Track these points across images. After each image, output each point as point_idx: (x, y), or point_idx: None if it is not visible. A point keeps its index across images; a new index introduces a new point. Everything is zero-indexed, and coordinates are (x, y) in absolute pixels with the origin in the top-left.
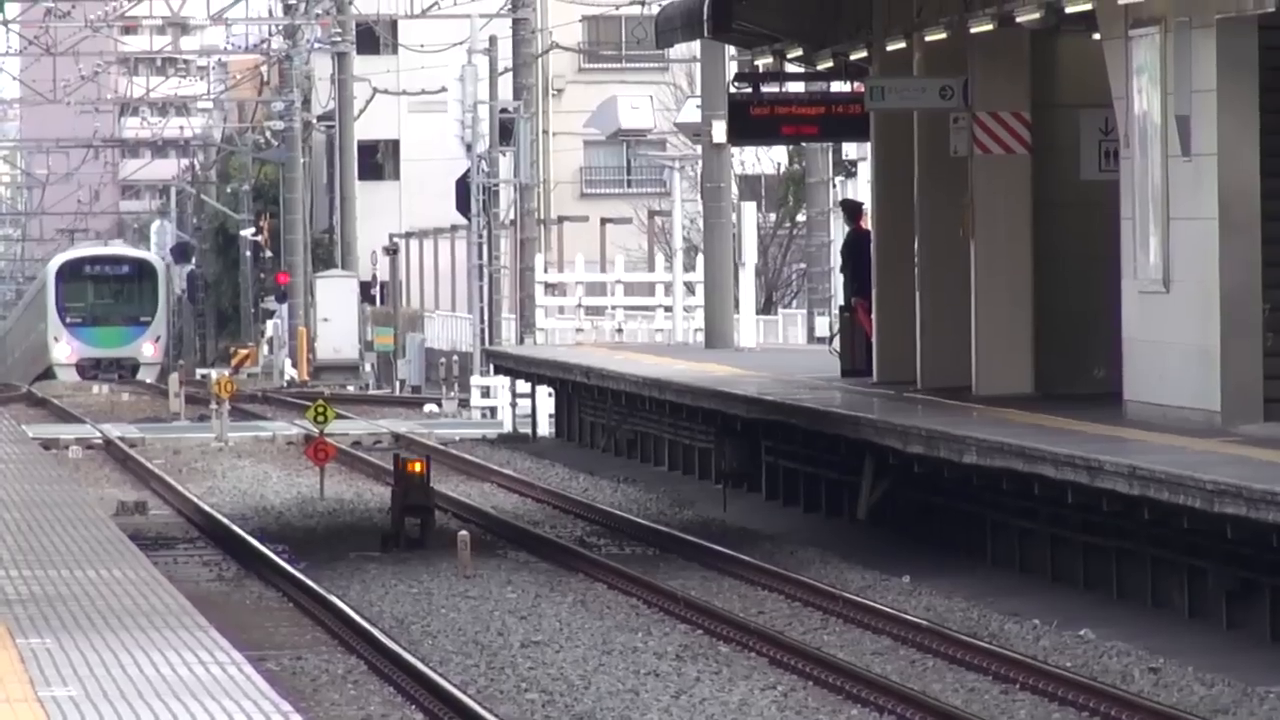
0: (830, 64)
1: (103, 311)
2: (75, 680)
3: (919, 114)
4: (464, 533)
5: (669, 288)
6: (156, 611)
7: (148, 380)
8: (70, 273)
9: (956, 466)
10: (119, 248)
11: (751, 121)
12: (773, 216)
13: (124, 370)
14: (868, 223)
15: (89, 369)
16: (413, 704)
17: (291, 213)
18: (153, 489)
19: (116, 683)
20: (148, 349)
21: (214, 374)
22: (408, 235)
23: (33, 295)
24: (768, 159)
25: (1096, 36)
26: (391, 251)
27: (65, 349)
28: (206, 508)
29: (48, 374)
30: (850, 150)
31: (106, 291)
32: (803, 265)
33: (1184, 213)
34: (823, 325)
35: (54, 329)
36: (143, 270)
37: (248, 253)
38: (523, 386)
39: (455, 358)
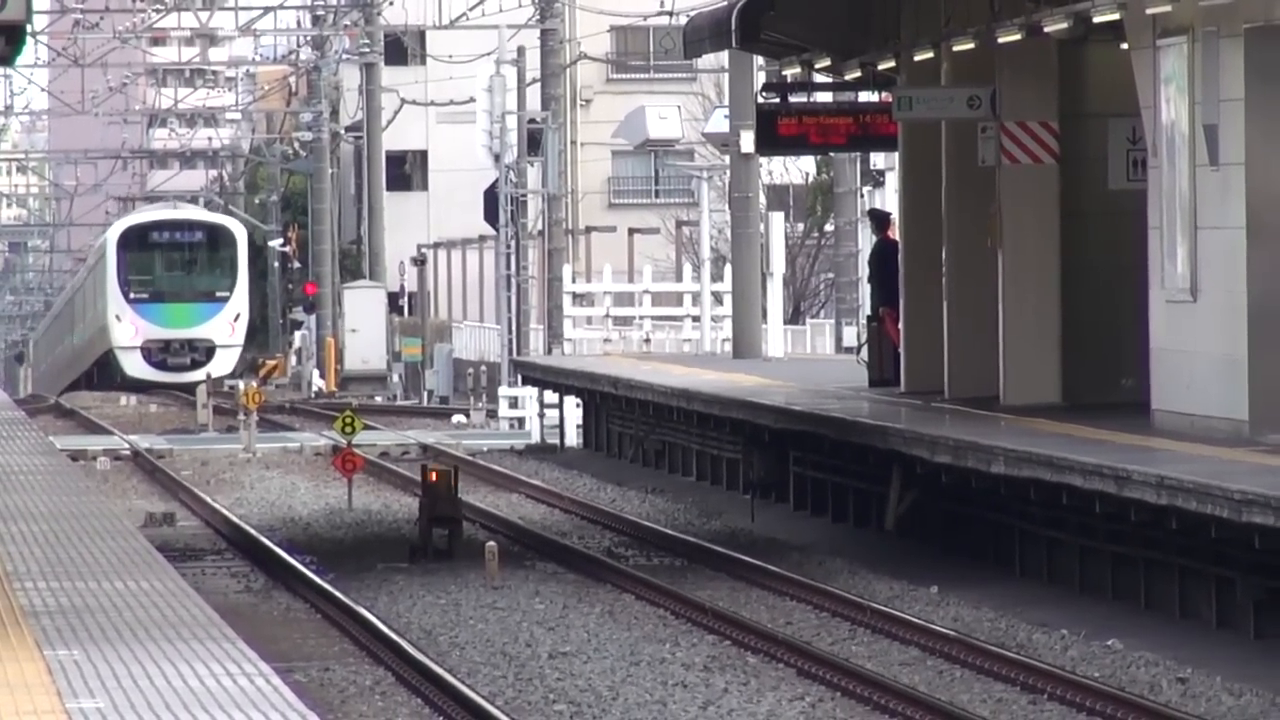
0: (858, 74)
1: (173, 286)
2: (103, 692)
3: (947, 124)
4: (492, 543)
5: (697, 298)
6: (184, 623)
7: (222, 372)
8: (134, 241)
9: (984, 476)
10: (190, 210)
11: (779, 132)
12: (800, 226)
13: (197, 354)
14: (895, 232)
15: (156, 352)
16: (441, 715)
17: (319, 223)
18: (181, 500)
19: (144, 694)
20: (225, 329)
21: (242, 385)
22: (435, 246)
23: (86, 272)
24: (796, 169)
25: (1124, 46)
26: (419, 262)
27: (129, 329)
28: (234, 519)
29: (105, 366)
30: (878, 160)
31: (177, 262)
32: (830, 275)
33: (1212, 222)
34: (850, 335)
35: (115, 306)
36: (219, 237)
37: (276, 263)
38: (550, 397)
39: (483, 368)
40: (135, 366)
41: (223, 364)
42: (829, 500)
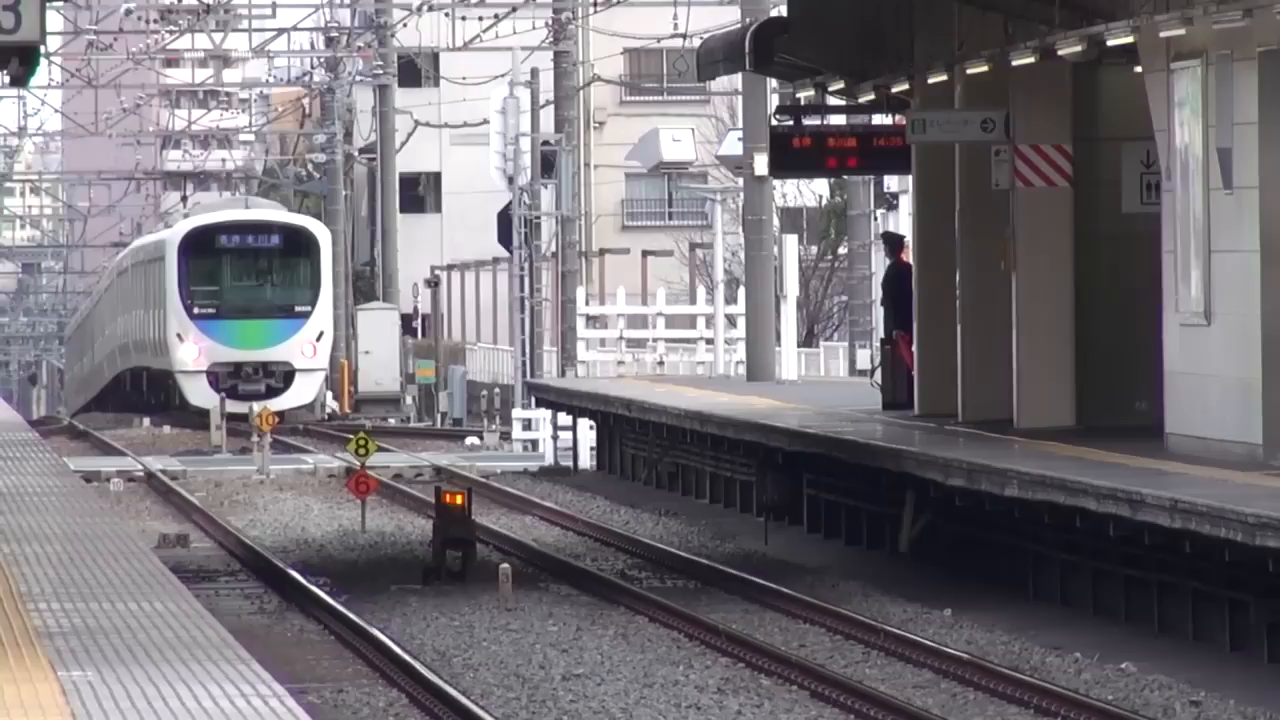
0: (872, 96)
1: (244, 299)
2: (117, 713)
3: (960, 147)
4: (505, 565)
5: (710, 320)
6: (198, 644)
7: (302, 401)
8: (199, 245)
9: (998, 499)
10: (265, 210)
11: (793, 154)
12: (814, 249)
13: (273, 379)
14: (909, 255)
15: (225, 377)
16: None
17: (333, 245)
18: (194, 522)
19: (158, 715)
20: (306, 350)
21: (255, 406)
22: (449, 267)
23: (128, 277)
24: (809, 191)
25: (1138, 69)
26: (433, 284)
27: (192, 350)
28: (248, 540)
29: (159, 389)
30: (892, 183)
31: (250, 271)
32: (844, 298)
33: (1225, 245)
34: (864, 358)
35: (177, 323)
36: (299, 241)
37: None
38: (564, 419)
39: (497, 390)
40: (200, 394)
41: (303, 391)
42: (843, 523)
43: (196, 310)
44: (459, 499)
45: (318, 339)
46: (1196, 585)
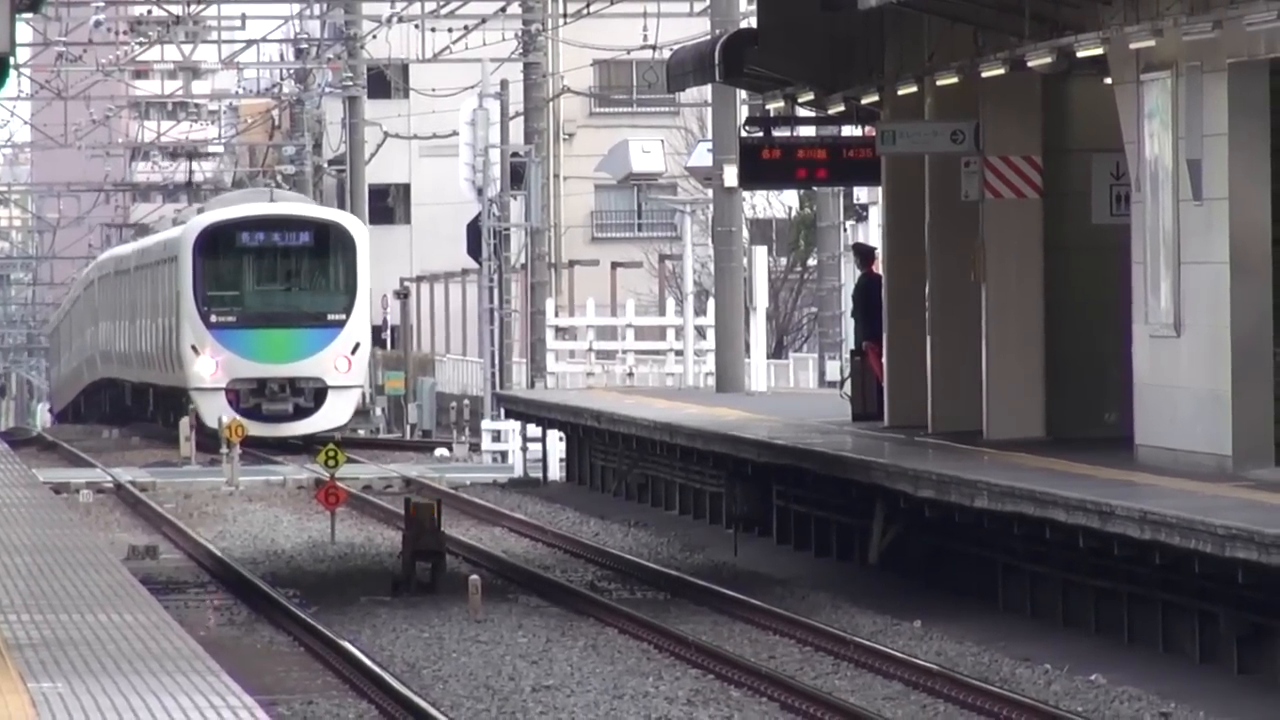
0: (841, 108)
1: (269, 306)
2: None
3: (930, 158)
4: (475, 577)
5: (680, 332)
6: (168, 655)
7: (335, 424)
8: (217, 244)
9: (968, 511)
10: (293, 203)
11: (763, 165)
12: (784, 260)
13: (302, 397)
14: (879, 267)
15: (247, 395)
16: None
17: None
18: (164, 533)
19: None
20: (340, 365)
21: (225, 418)
22: (419, 279)
23: (87, 285)
24: (779, 203)
25: (1108, 81)
26: (402, 295)
27: (208, 364)
28: (217, 552)
29: (166, 404)
30: (861, 194)
31: (275, 274)
32: (814, 309)
33: (1195, 256)
34: (834, 369)
35: (193, 333)
36: (333, 240)
37: None
38: (534, 430)
39: (466, 402)
40: (217, 414)
41: (336, 411)
42: (812, 534)
43: (214, 319)
44: (428, 510)
45: (353, 352)
46: (1166, 597)
